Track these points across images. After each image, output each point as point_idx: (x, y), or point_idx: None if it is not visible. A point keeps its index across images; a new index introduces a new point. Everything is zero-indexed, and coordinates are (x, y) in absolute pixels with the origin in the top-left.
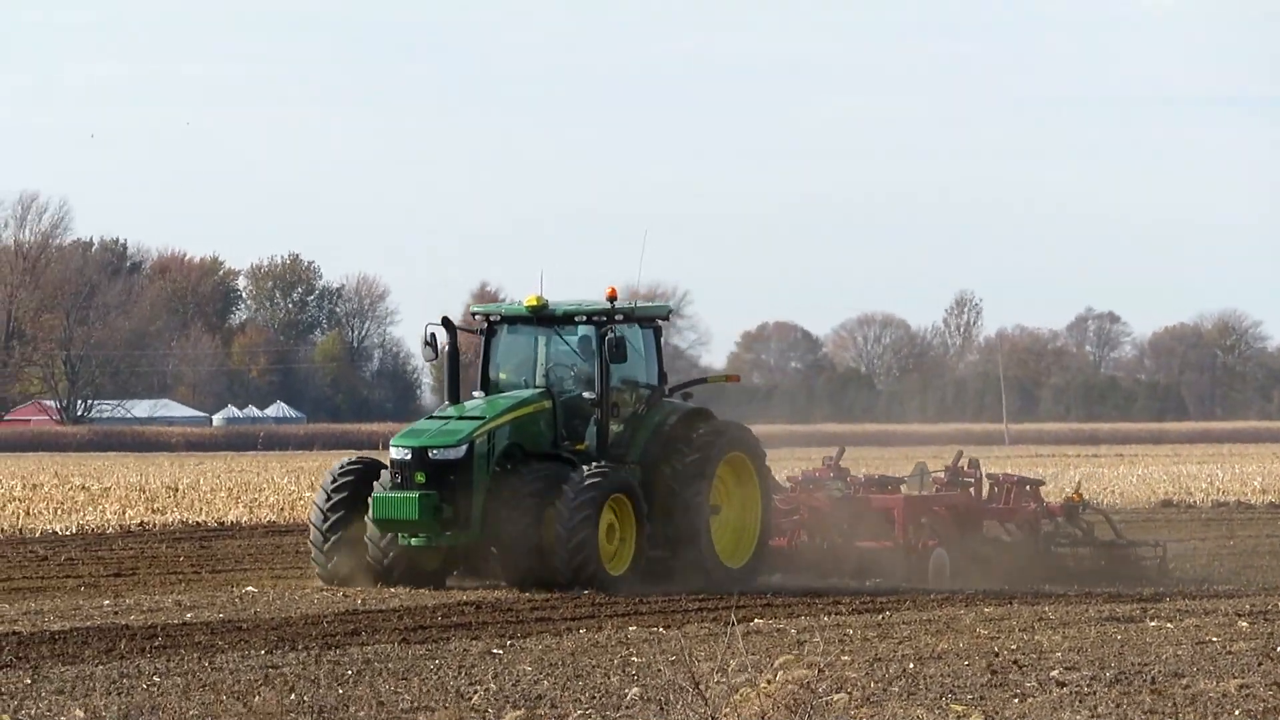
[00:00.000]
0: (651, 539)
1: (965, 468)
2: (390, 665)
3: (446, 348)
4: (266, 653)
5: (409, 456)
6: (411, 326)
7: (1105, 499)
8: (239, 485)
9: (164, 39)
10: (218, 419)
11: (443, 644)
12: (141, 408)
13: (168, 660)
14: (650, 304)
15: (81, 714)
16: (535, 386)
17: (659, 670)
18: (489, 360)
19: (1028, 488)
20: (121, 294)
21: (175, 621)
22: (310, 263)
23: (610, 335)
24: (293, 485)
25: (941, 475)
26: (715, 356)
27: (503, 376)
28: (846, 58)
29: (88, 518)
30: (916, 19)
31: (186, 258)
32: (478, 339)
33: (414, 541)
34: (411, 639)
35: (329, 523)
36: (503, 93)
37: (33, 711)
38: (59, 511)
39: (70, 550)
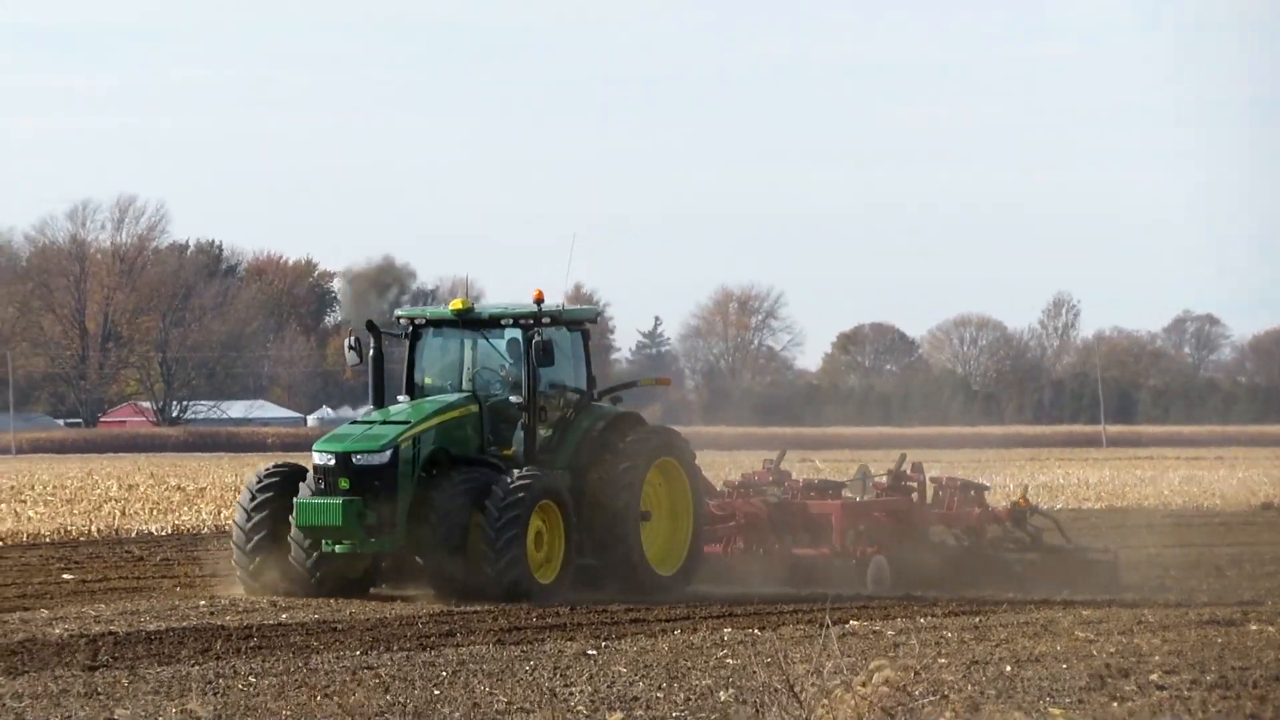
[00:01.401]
0: (580, 546)
1: (909, 471)
2: (485, 666)
3: (371, 352)
4: (361, 653)
5: (332, 462)
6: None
7: (1205, 502)
8: None
9: (259, 42)
10: (312, 420)
11: (538, 645)
12: (237, 409)
13: (263, 660)
14: (577, 307)
15: (178, 714)
16: (461, 391)
17: (754, 672)
18: (414, 364)
19: (972, 492)
20: (217, 296)
21: (271, 622)
22: (404, 264)
23: (537, 338)
24: None
25: (883, 479)
26: (810, 358)
27: (428, 381)
28: (946, 61)
29: (183, 518)
30: (1011, 22)
31: (282, 260)
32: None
33: (338, 548)
34: (506, 640)
35: (251, 527)
36: (597, 94)
37: (129, 711)
38: (155, 512)
39: (166, 551)
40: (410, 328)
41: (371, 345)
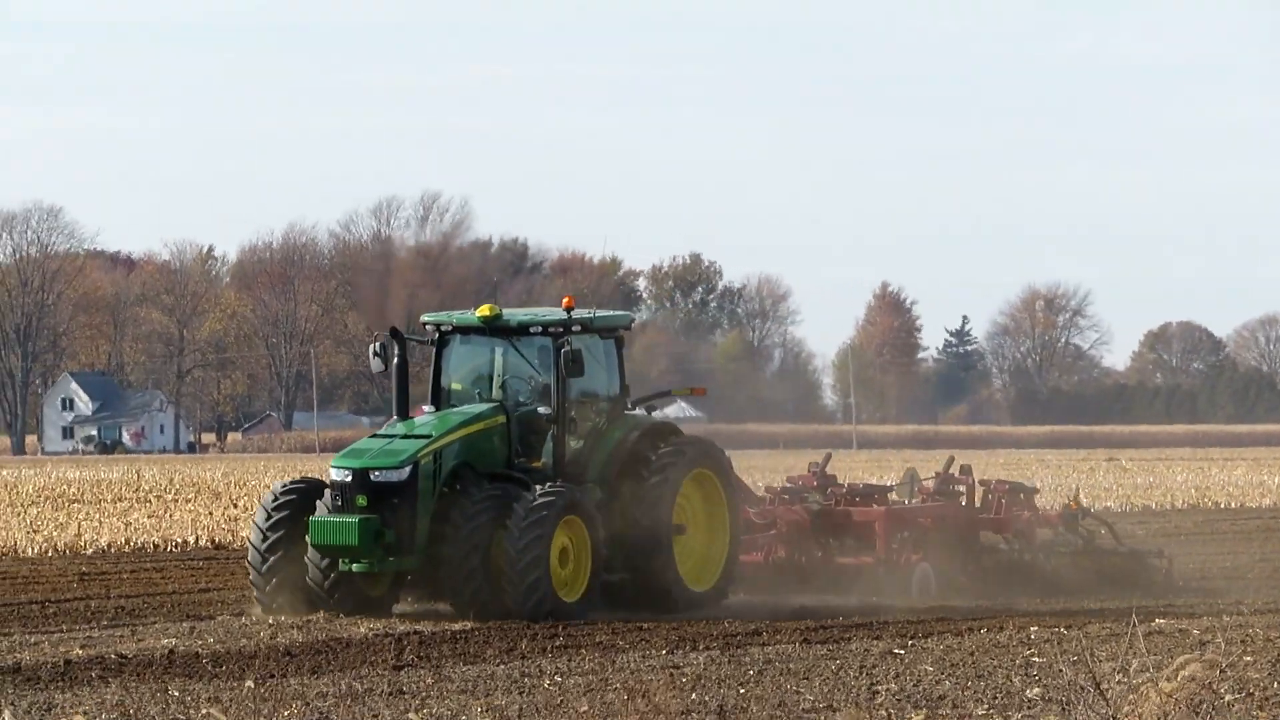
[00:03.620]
0: (611, 563)
1: (957, 474)
2: (791, 665)
3: (396, 360)
4: (667, 653)
5: (349, 478)
6: (813, 327)
7: None
8: None
9: (558, 40)
10: None
11: (844, 644)
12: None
13: (569, 660)
14: (610, 313)
15: (483, 713)
16: (489, 400)
17: (1060, 670)
18: (441, 372)
19: (1021, 495)
20: (522, 294)
21: (576, 621)
22: (711, 263)
23: (567, 347)
24: None
25: (929, 483)
26: (1118, 357)
27: (455, 389)
28: (1248, 60)
29: None
30: None
31: (586, 258)
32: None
33: (355, 568)
34: (813, 639)
35: (268, 545)
36: (905, 94)
37: (435, 710)
38: None
39: None
40: (437, 334)
41: (396, 352)
